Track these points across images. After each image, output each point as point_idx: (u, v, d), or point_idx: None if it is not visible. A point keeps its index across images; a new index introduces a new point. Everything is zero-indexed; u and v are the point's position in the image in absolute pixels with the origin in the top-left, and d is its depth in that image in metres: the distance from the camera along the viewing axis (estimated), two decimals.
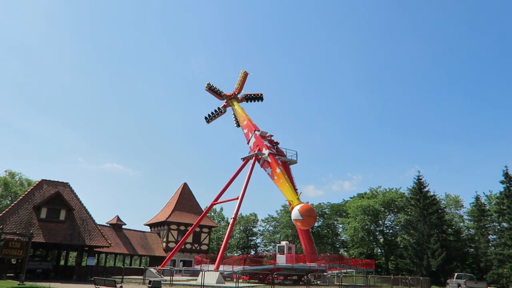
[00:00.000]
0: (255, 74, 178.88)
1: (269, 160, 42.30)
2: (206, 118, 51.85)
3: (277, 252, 40.93)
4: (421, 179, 56.96)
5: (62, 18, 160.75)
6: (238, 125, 49.97)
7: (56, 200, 34.77)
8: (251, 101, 52.45)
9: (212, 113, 52.00)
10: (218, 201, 45.44)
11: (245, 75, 51.08)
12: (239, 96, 51.57)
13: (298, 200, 37.69)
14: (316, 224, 76.21)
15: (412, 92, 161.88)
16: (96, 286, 21.76)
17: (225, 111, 52.22)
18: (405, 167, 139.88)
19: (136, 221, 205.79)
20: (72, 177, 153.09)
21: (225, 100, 51.81)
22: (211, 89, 50.64)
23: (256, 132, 45.43)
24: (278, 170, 41.03)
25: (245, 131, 47.62)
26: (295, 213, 35.93)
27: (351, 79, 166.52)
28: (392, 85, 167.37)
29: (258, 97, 52.40)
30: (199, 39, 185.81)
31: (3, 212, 33.49)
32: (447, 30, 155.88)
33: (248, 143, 46.90)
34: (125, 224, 49.10)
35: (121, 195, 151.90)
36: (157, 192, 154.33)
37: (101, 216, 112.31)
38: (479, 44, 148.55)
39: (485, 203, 56.12)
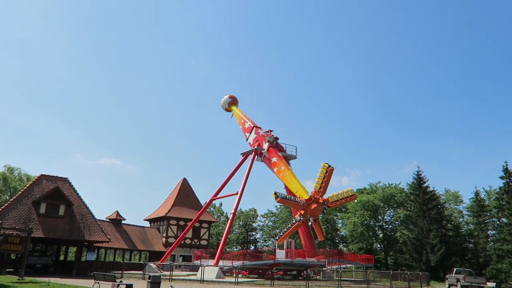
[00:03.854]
0: (255, 73, 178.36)
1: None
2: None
3: (276, 247, 41.00)
4: (420, 174, 57.01)
5: (61, 14, 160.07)
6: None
7: (55, 195, 34.71)
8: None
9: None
10: (218, 196, 45.43)
11: (330, 171, 33.58)
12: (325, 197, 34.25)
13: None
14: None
15: (410, 88, 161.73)
16: (96, 281, 21.72)
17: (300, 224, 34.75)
18: (404, 162, 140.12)
19: (136, 216, 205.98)
20: (70, 172, 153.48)
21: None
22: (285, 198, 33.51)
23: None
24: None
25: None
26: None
27: (350, 75, 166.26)
28: (391, 81, 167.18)
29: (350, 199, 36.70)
30: (199, 36, 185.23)
31: (2, 207, 33.44)
32: (446, 26, 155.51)
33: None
34: (125, 219, 49.13)
35: (120, 190, 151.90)
36: (157, 188, 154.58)
37: (101, 211, 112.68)
38: (479, 40, 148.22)
39: (485, 199, 56.23)
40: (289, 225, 34.19)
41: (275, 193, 32.19)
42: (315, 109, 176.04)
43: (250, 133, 46.38)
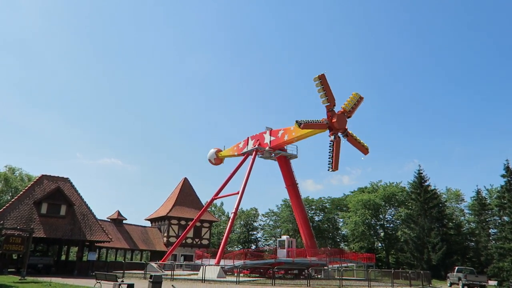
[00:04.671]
0: (255, 72, 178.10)
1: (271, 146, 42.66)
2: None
3: (277, 246, 41.02)
4: (421, 173, 56.98)
5: (61, 14, 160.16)
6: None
7: (57, 195, 34.74)
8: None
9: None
10: (219, 195, 45.45)
11: (361, 99, 36.50)
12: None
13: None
14: (316, 218, 76.44)
15: (411, 87, 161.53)
16: (97, 281, 21.74)
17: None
18: (404, 161, 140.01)
19: (137, 216, 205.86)
20: (71, 172, 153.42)
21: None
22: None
23: (267, 131, 44.09)
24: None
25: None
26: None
27: (350, 74, 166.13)
28: (391, 80, 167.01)
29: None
30: (199, 36, 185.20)
31: (4, 207, 33.49)
32: (446, 25, 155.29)
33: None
34: (126, 219, 49.20)
35: (121, 190, 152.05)
36: (158, 187, 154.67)
37: (102, 211, 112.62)
38: (479, 39, 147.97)
39: (486, 197, 56.09)
40: (330, 149, 35.36)
41: (297, 122, 33.92)
42: (316, 108, 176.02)
43: (248, 144, 46.02)
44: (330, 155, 35.40)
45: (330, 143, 35.21)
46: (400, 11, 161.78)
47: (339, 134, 35.53)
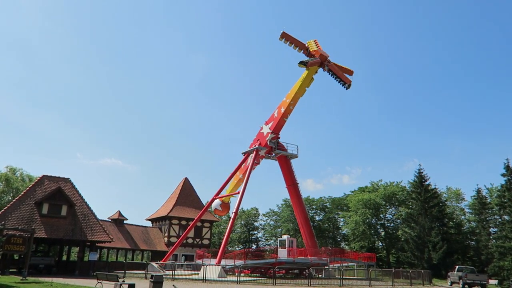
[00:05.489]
0: (256, 71, 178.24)
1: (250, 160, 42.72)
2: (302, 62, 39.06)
3: (278, 246, 41.07)
4: (422, 172, 57.01)
5: (62, 14, 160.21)
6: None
7: (58, 196, 34.81)
8: (333, 78, 41.61)
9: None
10: (219, 195, 45.48)
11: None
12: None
13: (228, 199, 44.74)
14: (317, 218, 76.53)
15: (411, 85, 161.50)
16: (98, 281, 21.82)
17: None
18: (404, 160, 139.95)
19: (138, 216, 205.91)
20: (71, 172, 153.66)
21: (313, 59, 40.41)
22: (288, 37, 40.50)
23: (268, 129, 44.13)
24: (241, 176, 42.94)
25: (275, 114, 43.46)
26: (215, 204, 44.90)
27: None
28: (392, 78, 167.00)
29: (344, 82, 41.75)
30: (200, 35, 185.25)
31: (5, 208, 33.57)
32: (447, 23, 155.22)
33: (266, 123, 44.69)
34: (127, 219, 49.23)
35: (121, 191, 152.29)
36: (158, 187, 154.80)
37: (103, 211, 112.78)
38: (480, 37, 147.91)
39: (486, 196, 56.12)
40: (334, 76, 41.24)
41: (302, 61, 38.43)
42: (316, 107, 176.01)
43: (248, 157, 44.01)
44: (338, 79, 41.17)
45: (329, 73, 41.05)
46: (400, 8, 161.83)
47: (326, 63, 40.76)
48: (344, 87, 41.95)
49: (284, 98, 43.44)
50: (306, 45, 41.19)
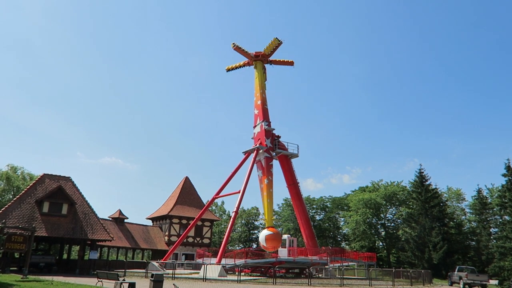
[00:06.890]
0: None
1: (263, 164, 42.35)
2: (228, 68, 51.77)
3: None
4: (422, 172, 56.92)
5: (63, 13, 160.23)
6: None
7: (58, 194, 34.81)
8: (280, 65, 50.40)
9: (236, 66, 51.37)
10: (220, 194, 45.50)
11: (278, 44, 46.84)
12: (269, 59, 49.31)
13: (272, 222, 40.80)
14: (317, 218, 76.49)
15: (411, 85, 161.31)
16: (99, 280, 21.85)
17: (248, 65, 50.41)
18: (405, 160, 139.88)
19: (138, 215, 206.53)
20: (71, 171, 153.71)
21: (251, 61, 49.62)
22: (238, 48, 47.70)
23: (263, 123, 44.54)
24: (266, 181, 41.84)
25: (256, 112, 46.04)
26: (261, 238, 38.91)
27: (351, 73, 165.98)
28: (391, 78, 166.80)
29: (288, 63, 50.35)
30: (201, 34, 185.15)
31: (6, 206, 33.56)
32: (447, 23, 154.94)
33: (254, 127, 45.92)
34: (127, 218, 49.28)
35: (122, 189, 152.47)
36: (159, 186, 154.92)
37: (103, 210, 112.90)
38: (480, 37, 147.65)
39: (487, 196, 56.01)
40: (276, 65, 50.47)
41: (233, 44, 47.32)
42: (317, 107, 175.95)
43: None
44: (283, 65, 50.10)
45: (271, 64, 49.54)
46: (400, 9, 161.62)
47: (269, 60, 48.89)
48: (291, 66, 50.24)
49: (254, 98, 47.74)
50: (250, 55, 48.53)
